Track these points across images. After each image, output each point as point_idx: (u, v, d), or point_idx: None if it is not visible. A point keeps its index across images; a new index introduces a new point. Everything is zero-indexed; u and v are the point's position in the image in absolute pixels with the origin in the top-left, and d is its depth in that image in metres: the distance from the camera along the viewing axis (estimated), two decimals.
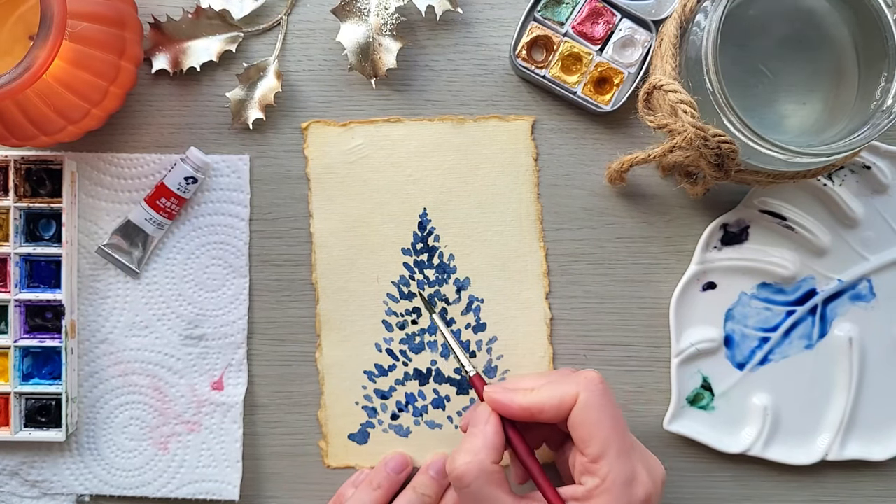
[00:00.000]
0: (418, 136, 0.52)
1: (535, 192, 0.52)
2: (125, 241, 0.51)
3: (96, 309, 0.52)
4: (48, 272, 0.51)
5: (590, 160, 0.52)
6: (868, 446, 0.51)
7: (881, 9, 0.43)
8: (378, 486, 0.49)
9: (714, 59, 0.42)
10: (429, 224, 0.52)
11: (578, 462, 0.42)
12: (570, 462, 0.44)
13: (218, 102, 0.52)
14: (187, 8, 0.51)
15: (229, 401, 0.52)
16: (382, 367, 0.52)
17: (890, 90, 0.43)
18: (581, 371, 0.44)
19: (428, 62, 0.52)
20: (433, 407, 0.52)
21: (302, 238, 0.52)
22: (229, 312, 0.52)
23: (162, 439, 0.52)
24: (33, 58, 0.41)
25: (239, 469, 0.52)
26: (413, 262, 0.52)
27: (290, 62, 0.52)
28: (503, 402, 0.44)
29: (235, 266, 0.52)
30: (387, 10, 0.50)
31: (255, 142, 0.52)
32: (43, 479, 0.52)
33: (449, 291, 0.52)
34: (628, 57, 0.50)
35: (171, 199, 0.51)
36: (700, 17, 0.44)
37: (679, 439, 0.52)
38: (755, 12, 0.45)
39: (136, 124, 0.53)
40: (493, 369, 0.52)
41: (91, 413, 0.52)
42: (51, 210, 0.51)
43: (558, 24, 0.50)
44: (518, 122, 0.52)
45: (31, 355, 0.52)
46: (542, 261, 0.52)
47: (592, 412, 0.42)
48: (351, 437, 0.52)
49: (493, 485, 0.42)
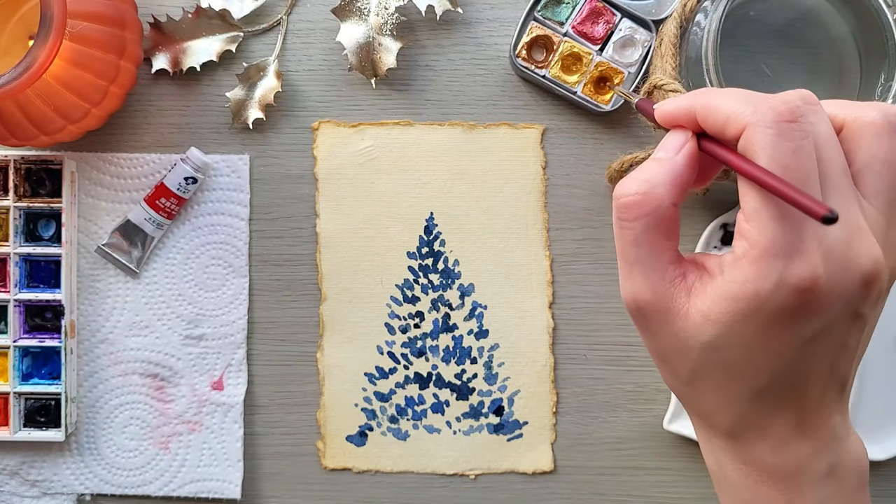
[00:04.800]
0: (427, 141, 0.52)
1: (542, 200, 0.52)
2: (125, 240, 0.51)
3: (96, 309, 0.52)
4: (48, 272, 0.51)
5: (590, 160, 0.52)
6: (868, 446, 0.51)
7: (881, 9, 0.43)
8: None
9: (714, 59, 0.42)
10: (435, 228, 0.52)
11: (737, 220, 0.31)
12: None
13: (218, 102, 0.52)
14: (187, 8, 0.51)
15: (230, 401, 0.52)
16: (383, 370, 0.52)
17: (890, 90, 0.43)
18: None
19: (428, 62, 0.52)
20: (432, 411, 0.52)
21: (302, 238, 0.52)
22: (229, 312, 0.52)
23: (163, 439, 0.52)
24: (33, 57, 0.41)
25: (240, 468, 0.52)
26: (418, 265, 0.52)
27: (290, 62, 0.52)
28: (705, 104, 0.31)
29: (235, 266, 0.52)
30: (387, 10, 0.50)
31: (255, 142, 0.52)
32: (43, 478, 0.52)
33: (453, 296, 0.52)
34: (628, 57, 0.50)
35: (170, 199, 0.51)
36: (700, 16, 0.44)
37: (679, 439, 0.52)
38: (755, 12, 0.45)
39: (136, 124, 0.53)
40: (493, 376, 0.52)
41: (91, 413, 0.52)
42: (50, 210, 0.51)
43: (558, 24, 0.50)
44: (528, 131, 0.52)
45: (31, 355, 0.51)
46: (547, 269, 0.52)
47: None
48: (349, 438, 0.52)
49: (661, 232, 0.32)
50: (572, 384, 0.52)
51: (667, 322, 0.32)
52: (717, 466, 0.35)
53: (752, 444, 0.33)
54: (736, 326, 0.30)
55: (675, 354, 0.33)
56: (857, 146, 0.31)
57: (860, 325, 0.31)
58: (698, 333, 0.31)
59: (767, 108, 0.29)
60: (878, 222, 0.30)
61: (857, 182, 0.30)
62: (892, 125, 0.30)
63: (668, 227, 0.32)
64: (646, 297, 0.32)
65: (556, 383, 0.52)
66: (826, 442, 0.33)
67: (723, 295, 0.30)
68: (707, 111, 0.31)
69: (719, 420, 0.33)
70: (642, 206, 0.31)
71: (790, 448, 0.32)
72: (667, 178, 0.32)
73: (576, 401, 0.52)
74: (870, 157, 0.30)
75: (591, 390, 0.52)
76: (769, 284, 0.29)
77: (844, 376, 0.33)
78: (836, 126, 0.31)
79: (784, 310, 0.29)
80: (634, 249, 0.32)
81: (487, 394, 0.52)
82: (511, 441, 0.52)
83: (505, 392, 0.52)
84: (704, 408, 0.34)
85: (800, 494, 0.33)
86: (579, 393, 0.52)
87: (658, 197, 0.31)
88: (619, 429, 0.52)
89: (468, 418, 0.52)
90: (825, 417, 0.33)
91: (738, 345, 0.31)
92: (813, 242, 0.29)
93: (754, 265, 0.29)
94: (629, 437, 0.52)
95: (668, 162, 0.32)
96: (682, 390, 0.34)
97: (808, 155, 0.29)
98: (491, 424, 0.52)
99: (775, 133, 0.28)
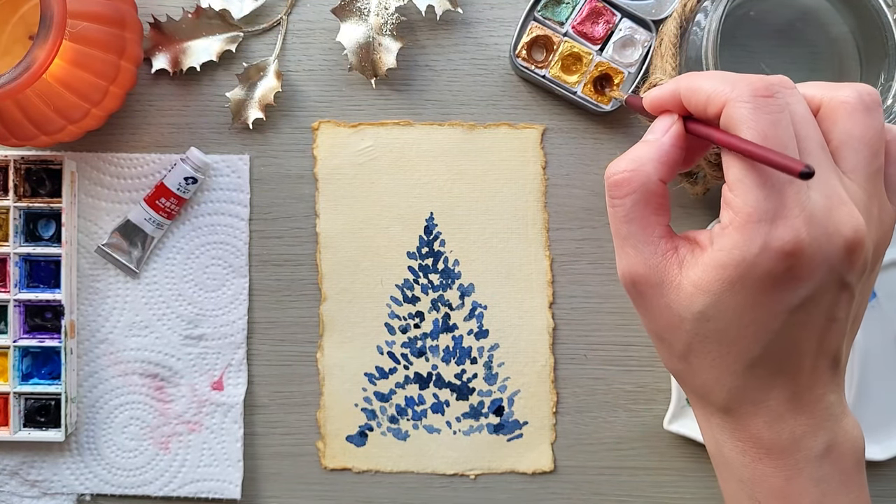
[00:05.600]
0: (427, 141, 0.52)
1: (542, 200, 0.52)
2: (125, 240, 0.51)
3: (96, 309, 0.52)
4: (48, 272, 0.51)
5: (590, 160, 0.52)
6: (868, 446, 0.51)
7: (881, 9, 0.43)
8: None
9: (714, 59, 0.42)
10: (435, 228, 0.52)
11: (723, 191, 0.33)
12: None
13: (218, 102, 0.52)
14: (187, 8, 0.51)
15: (230, 401, 0.52)
16: (383, 370, 0.52)
17: (890, 90, 0.43)
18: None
19: (428, 62, 0.52)
20: (432, 411, 0.52)
21: (302, 238, 0.52)
22: (229, 312, 0.52)
23: (163, 439, 0.52)
24: (33, 57, 0.41)
25: (240, 468, 0.52)
26: (418, 265, 0.52)
27: (290, 62, 0.52)
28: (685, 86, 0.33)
29: (235, 266, 0.52)
30: (387, 10, 0.50)
31: (255, 142, 0.52)
32: (43, 478, 0.52)
33: (452, 297, 0.52)
34: (628, 57, 0.50)
35: (170, 199, 0.51)
36: (700, 16, 0.44)
37: (679, 439, 0.52)
38: (755, 12, 0.45)
39: (135, 124, 0.53)
40: (493, 376, 0.52)
41: (91, 413, 0.52)
42: (50, 210, 0.51)
43: (558, 24, 0.50)
44: (528, 131, 0.52)
45: (31, 355, 0.51)
46: (547, 269, 0.52)
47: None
48: (349, 438, 0.52)
49: (650, 208, 0.33)
50: (572, 384, 0.52)
51: (661, 295, 0.33)
52: (716, 447, 0.36)
53: (748, 419, 0.34)
54: (725, 294, 0.31)
55: (670, 329, 0.34)
56: (834, 124, 0.32)
57: (847, 295, 0.32)
58: (691, 304, 0.32)
59: (745, 85, 0.30)
60: (858, 195, 0.31)
61: (836, 159, 0.32)
62: (866, 103, 0.32)
63: (658, 202, 0.34)
64: (639, 271, 0.34)
65: (556, 383, 0.52)
66: (821, 419, 0.33)
67: (712, 264, 0.31)
68: (690, 92, 0.33)
69: (715, 396, 0.34)
70: (631, 182, 0.33)
71: (786, 423, 0.33)
72: (654, 156, 0.33)
73: (576, 401, 0.52)
74: (845, 135, 0.32)
75: (591, 390, 0.52)
76: (755, 249, 0.30)
77: (836, 350, 0.33)
78: (813, 107, 0.32)
79: (770, 274, 0.30)
80: (626, 225, 0.34)
81: (487, 394, 0.52)
82: (511, 441, 0.52)
83: (505, 392, 0.52)
84: (700, 383, 0.35)
85: (797, 472, 0.33)
86: (579, 393, 0.52)
87: (645, 173, 0.33)
88: (619, 429, 0.52)
89: (468, 418, 0.52)
90: (819, 394, 0.33)
91: (729, 313, 0.31)
92: (795, 207, 0.30)
93: (739, 231, 0.30)
94: (629, 437, 0.52)
95: (656, 142, 0.34)
96: (678, 367, 0.35)
97: (786, 126, 0.30)
98: (491, 424, 0.52)
99: (753, 106, 0.30)
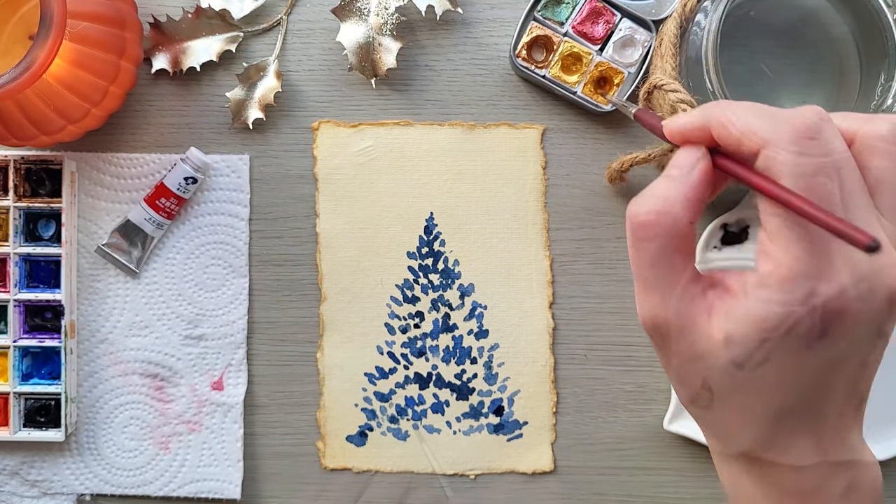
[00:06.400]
0: (427, 141, 0.52)
1: (542, 200, 0.52)
2: (125, 240, 0.51)
3: (96, 309, 0.52)
4: (48, 272, 0.51)
5: (590, 160, 0.52)
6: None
7: (881, 9, 0.43)
8: None
9: (714, 59, 0.42)
10: (435, 228, 0.52)
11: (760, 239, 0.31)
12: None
13: (218, 102, 0.52)
14: (187, 8, 0.51)
15: (230, 401, 0.52)
16: (383, 370, 0.52)
17: (890, 90, 0.43)
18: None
19: (428, 62, 0.52)
20: (432, 411, 0.52)
21: (302, 238, 0.52)
22: (229, 312, 0.52)
23: (163, 439, 0.52)
24: (33, 57, 0.41)
25: (240, 468, 0.52)
26: (418, 265, 0.52)
27: (290, 62, 0.52)
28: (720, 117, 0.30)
29: (235, 266, 0.52)
30: (387, 10, 0.50)
31: (255, 142, 0.52)
32: (43, 478, 0.52)
33: (452, 297, 0.52)
34: (628, 57, 0.50)
35: (170, 199, 0.51)
36: (700, 16, 0.44)
37: (679, 439, 0.52)
38: (755, 12, 0.45)
39: (135, 124, 0.53)
40: (493, 376, 0.52)
41: (91, 413, 0.52)
42: (50, 210, 0.51)
43: (558, 24, 0.50)
44: (528, 131, 0.52)
45: (31, 355, 0.51)
46: (547, 269, 0.52)
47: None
48: (349, 438, 0.52)
49: (678, 250, 0.31)
50: (572, 384, 0.52)
51: (687, 342, 0.31)
52: (733, 483, 0.35)
53: (771, 464, 0.32)
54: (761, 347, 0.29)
55: (695, 375, 0.32)
56: (870, 159, 0.30)
57: (883, 342, 0.31)
58: (721, 354, 0.30)
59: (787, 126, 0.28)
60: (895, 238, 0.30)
61: (871, 197, 0.30)
62: None
63: (685, 245, 0.31)
64: (664, 317, 0.31)
65: (556, 383, 0.52)
66: (844, 460, 0.32)
67: (748, 316, 0.29)
68: (722, 127, 0.30)
69: (737, 441, 0.33)
70: (658, 225, 0.30)
71: (810, 468, 0.32)
72: (682, 196, 0.30)
73: (576, 401, 0.52)
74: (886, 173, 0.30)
75: (591, 390, 0.52)
76: (797, 306, 0.28)
77: (863, 393, 0.32)
78: (846, 140, 0.30)
79: (812, 330, 0.28)
80: (651, 270, 0.31)
81: (487, 394, 0.52)
82: (511, 441, 0.52)
83: (505, 392, 0.52)
84: (723, 428, 0.33)
85: None
86: (579, 393, 0.52)
87: (674, 216, 0.30)
88: (618, 429, 0.52)
89: (468, 418, 0.52)
90: (843, 435, 0.32)
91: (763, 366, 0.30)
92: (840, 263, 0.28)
93: (781, 285, 0.28)
94: (629, 437, 0.52)
95: (683, 179, 0.31)
96: (700, 412, 0.33)
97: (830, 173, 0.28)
98: (491, 424, 0.52)
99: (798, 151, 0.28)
